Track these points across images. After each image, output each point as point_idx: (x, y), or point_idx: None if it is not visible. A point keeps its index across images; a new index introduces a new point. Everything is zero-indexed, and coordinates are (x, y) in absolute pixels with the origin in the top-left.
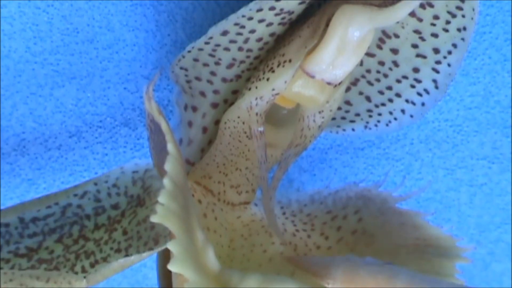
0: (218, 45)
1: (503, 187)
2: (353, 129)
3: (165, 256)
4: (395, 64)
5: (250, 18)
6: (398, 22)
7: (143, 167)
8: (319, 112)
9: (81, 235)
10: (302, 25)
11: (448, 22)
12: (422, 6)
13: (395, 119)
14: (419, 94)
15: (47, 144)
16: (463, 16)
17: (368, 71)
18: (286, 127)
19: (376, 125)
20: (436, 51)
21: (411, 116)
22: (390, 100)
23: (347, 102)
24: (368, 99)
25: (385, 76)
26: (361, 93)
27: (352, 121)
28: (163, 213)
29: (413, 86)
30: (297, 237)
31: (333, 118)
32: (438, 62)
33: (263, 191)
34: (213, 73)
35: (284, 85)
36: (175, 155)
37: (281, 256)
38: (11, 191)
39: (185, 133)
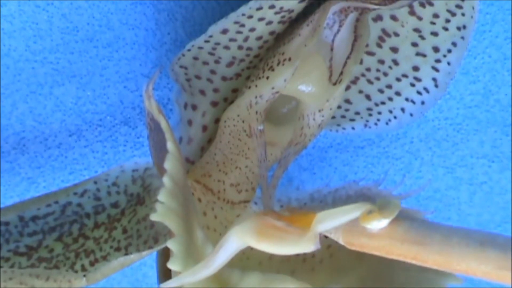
0: (218, 44)
1: (503, 185)
2: (353, 128)
3: (165, 255)
4: (395, 62)
5: (250, 17)
6: (398, 21)
7: (143, 165)
8: (319, 111)
9: (81, 234)
10: (302, 23)
11: (448, 21)
12: (422, 4)
13: (395, 117)
14: (419, 93)
15: (47, 143)
16: (463, 14)
17: (368, 69)
18: (286, 126)
19: (376, 124)
20: (436, 49)
21: (411, 114)
22: (390, 99)
23: (347, 101)
24: (368, 97)
25: (385, 74)
26: (361, 92)
27: (352, 120)
28: (162, 211)
29: (413, 85)
30: None
31: (333, 117)
32: (438, 61)
33: (263, 190)
34: (213, 72)
35: (284, 83)
36: (174, 154)
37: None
38: (11, 190)
39: (185, 131)
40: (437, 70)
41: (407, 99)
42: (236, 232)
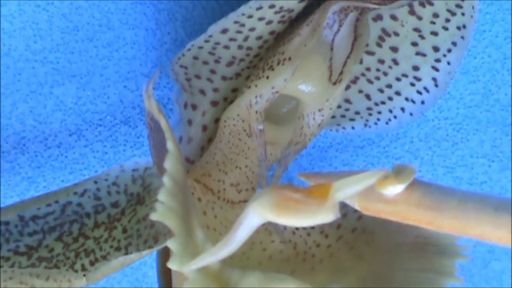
0: (217, 43)
1: (503, 185)
2: (353, 127)
3: (165, 254)
4: (395, 62)
5: (250, 16)
6: (398, 20)
7: (143, 165)
8: (319, 111)
9: (81, 233)
10: (301, 23)
11: (447, 20)
12: (421, 4)
13: (395, 117)
14: (419, 92)
15: (47, 143)
16: (463, 14)
17: (368, 69)
18: (286, 125)
19: (376, 123)
20: (436, 49)
21: (411, 114)
22: (390, 98)
23: (347, 100)
24: (368, 97)
25: (385, 74)
26: (361, 91)
27: (352, 119)
28: (162, 211)
29: (412, 84)
30: (297, 235)
31: (333, 116)
32: (437, 60)
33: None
34: (212, 71)
35: (284, 83)
36: (174, 153)
37: (280, 254)
38: (11, 189)
39: (185, 131)
40: (437, 69)
41: (407, 99)
42: (255, 207)
